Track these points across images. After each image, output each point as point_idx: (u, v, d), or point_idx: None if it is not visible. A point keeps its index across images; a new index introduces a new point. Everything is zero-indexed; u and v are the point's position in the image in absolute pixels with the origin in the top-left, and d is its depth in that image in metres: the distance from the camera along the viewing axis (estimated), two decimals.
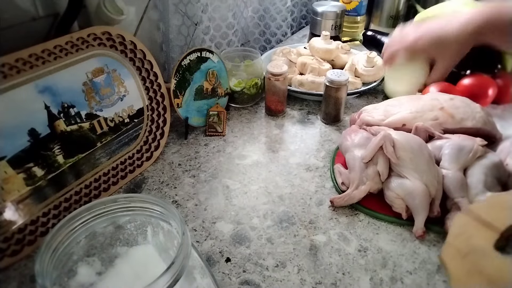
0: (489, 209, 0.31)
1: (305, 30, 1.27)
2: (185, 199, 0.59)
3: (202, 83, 0.74)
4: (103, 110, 0.58)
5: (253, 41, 1.16)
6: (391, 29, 1.08)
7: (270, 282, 0.46)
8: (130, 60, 0.61)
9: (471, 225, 0.29)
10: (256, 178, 0.63)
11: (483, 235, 0.27)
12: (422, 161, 0.53)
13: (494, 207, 0.32)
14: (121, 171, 0.61)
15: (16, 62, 0.47)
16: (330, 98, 0.74)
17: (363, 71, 0.85)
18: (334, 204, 0.56)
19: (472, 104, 0.63)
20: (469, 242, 0.28)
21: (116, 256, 0.40)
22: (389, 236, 0.52)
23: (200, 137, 0.74)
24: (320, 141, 0.72)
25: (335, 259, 0.49)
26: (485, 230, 0.28)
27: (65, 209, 0.54)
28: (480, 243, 0.27)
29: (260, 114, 0.81)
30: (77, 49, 0.53)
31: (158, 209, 0.37)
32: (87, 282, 0.38)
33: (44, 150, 0.51)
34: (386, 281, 0.46)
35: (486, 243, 0.27)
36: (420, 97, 0.67)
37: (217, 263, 0.48)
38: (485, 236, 0.27)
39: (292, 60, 0.86)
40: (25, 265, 0.48)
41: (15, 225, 0.48)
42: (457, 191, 0.51)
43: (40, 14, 0.55)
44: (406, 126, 0.62)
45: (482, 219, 0.29)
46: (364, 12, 1.14)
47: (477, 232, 0.28)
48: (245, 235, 0.52)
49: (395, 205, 0.54)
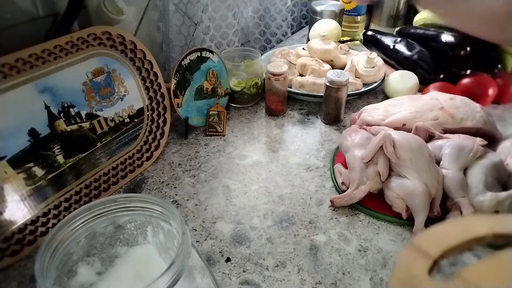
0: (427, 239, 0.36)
1: (305, 30, 1.26)
2: (185, 199, 0.59)
3: (202, 83, 0.74)
4: (103, 110, 0.58)
5: (253, 41, 1.15)
6: (391, 29, 1.09)
7: (270, 282, 0.46)
8: (130, 60, 0.61)
9: (411, 256, 0.33)
10: (256, 178, 0.63)
11: (419, 262, 0.32)
12: (422, 161, 0.53)
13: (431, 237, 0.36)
14: (121, 171, 0.61)
15: (16, 62, 0.47)
16: (330, 98, 0.74)
17: (364, 71, 0.85)
18: (334, 204, 0.56)
19: (472, 104, 0.63)
20: (408, 270, 0.32)
21: (116, 256, 0.40)
22: (389, 236, 0.52)
23: (200, 137, 0.74)
24: (320, 141, 0.72)
25: (335, 259, 0.49)
26: (421, 258, 0.32)
27: (65, 209, 0.54)
28: (417, 271, 0.31)
29: (260, 114, 0.81)
30: (77, 49, 0.53)
31: (158, 209, 0.37)
32: (87, 282, 0.38)
33: (44, 150, 0.51)
34: (386, 281, 0.46)
35: (422, 270, 0.31)
36: (420, 97, 0.67)
37: (217, 263, 0.48)
38: (421, 263, 0.32)
39: (291, 61, 0.86)
40: (25, 265, 0.49)
41: (15, 225, 0.48)
42: (457, 191, 0.51)
43: (40, 14, 0.55)
44: (406, 126, 0.62)
45: (419, 249, 0.33)
46: (364, 12, 1.14)
47: (415, 261, 0.32)
48: (245, 235, 0.52)
49: (395, 205, 0.54)
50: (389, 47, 0.94)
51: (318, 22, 1.01)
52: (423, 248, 0.33)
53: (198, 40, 0.85)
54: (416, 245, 0.35)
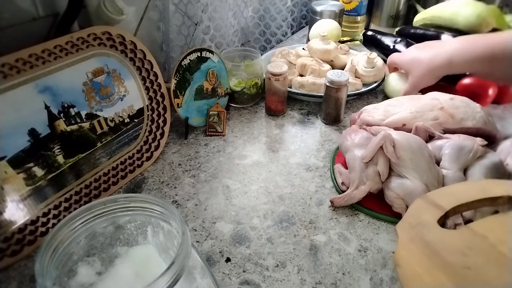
0: (441, 195, 0.37)
1: (305, 30, 1.26)
2: (185, 199, 0.59)
3: (202, 83, 0.74)
4: (103, 110, 0.58)
5: (253, 41, 1.15)
6: (391, 29, 1.09)
7: (270, 282, 0.46)
8: (130, 60, 0.61)
9: (424, 206, 0.35)
10: (256, 178, 0.63)
11: (430, 212, 0.33)
12: (422, 161, 0.53)
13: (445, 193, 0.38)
14: (121, 171, 0.61)
15: (16, 62, 0.47)
16: (330, 99, 0.74)
17: (364, 72, 0.85)
18: (334, 204, 0.56)
19: (472, 104, 0.63)
20: (418, 217, 0.34)
21: (116, 256, 0.40)
22: (389, 236, 0.52)
23: (200, 137, 0.74)
24: (320, 141, 0.72)
25: (335, 259, 0.49)
26: (433, 209, 0.34)
27: (65, 209, 0.54)
28: (426, 218, 0.33)
29: (260, 114, 0.81)
30: (77, 49, 0.53)
31: (158, 209, 0.37)
32: (87, 282, 0.38)
33: (44, 150, 0.51)
34: (386, 281, 0.46)
35: (431, 218, 0.33)
36: (420, 97, 0.67)
37: (217, 263, 0.48)
38: (432, 213, 0.33)
39: (291, 61, 0.86)
40: (25, 265, 0.49)
41: (15, 225, 0.48)
42: None
43: (40, 14, 0.55)
44: (406, 126, 0.62)
45: (433, 201, 0.34)
46: (364, 12, 1.14)
47: (426, 210, 0.34)
48: (245, 235, 0.52)
49: (395, 205, 0.54)
50: (389, 47, 0.94)
51: (318, 22, 1.01)
52: (436, 201, 0.34)
53: (198, 40, 0.85)
54: (429, 198, 0.36)
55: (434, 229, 0.32)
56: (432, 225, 0.32)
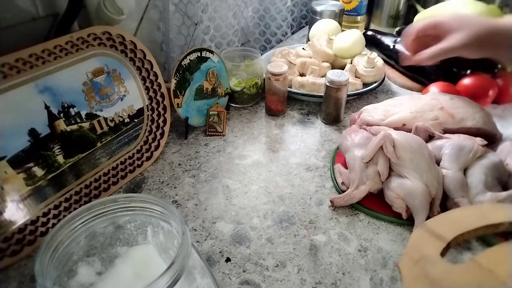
0: (441, 223, 0.36)
1: (305, 30, 1.26)
2: (185, 199, 0.59)
3: (202, 83, 0.74)
4: (103, 110, 0.58)
5: (253, 41, 1.15)
6: (391, 29, 1.09)
7: (270, 282, 0.46)
8: (130, 60, 0.61)
9: (424, 237, 0.33)
10: (256, 178, 0.63)
11: (432, 244, 0.32)
12: (422, 161, 0.53)
13: (445, 221, 0.37)
14: (121, 171, 0.61)
15: (16, 62, 0.47)
16: (330, 99, 0.74)
17: (364, 71, 0.85)
18: (334, 204, 0.56)
19: (472, 104, 0.63)
20: (420, 251, 0.32)
21: (116, 256, 0.40)
22: (389, 236, 0.52)
23: (200, 137, 0.74)
24: (320, 141, 0.72)
25: (335, 259, 0.49)
26: (434, 240, 0.32)
27: (65, 209, 0.54)
28: (429, 251, 0.32)
29: (260, 114, 0.81)
30: (77, 49, 0.53)
31: (158, 209, 0.37)
32: (87, 282, 0.38)
33: (44, 150, 0.51)
34: (386, 281, 0.46)
35: (434, 251, 0.31)
36: (420, 97, 0.67)
37: (217, 263, 0.48)
38: (434, 245, 0.32)
39: (291, 61, 0.86)
40: (25, 265, 0.49)
41: (15, 225, 0.48)
42: (457, 191, 0.51)
43: (40, 14, 0.55)
44: (406, 126, 0.62)
45: (433, 232, 0.33)
46: (364, 12, 1.14)
47: (428, 242, 0.32)
48: (245, 235, 0.52)
49: (395, 205, 0.54)
50: (389, 47, 0.94)
51: (318, 22, 1.01)
52: (436, 230, 0.33)
53: (198, 40, 0.85)
54: (429, 228, 0.35)
55: (438, 264, 0.31)
56: (435, 259, 0.31)
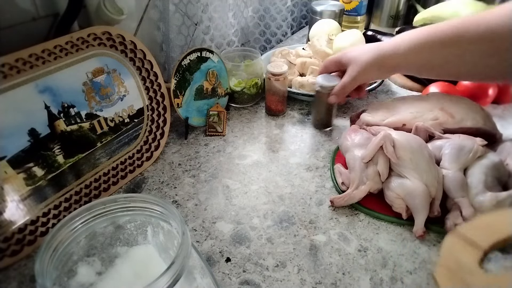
0: (474, 229, 0.35)
1: (305, 30, 1.26)
2: (185, 199, 0.59)
3: (202, 83, 0.74)
4: (103, 110, 0.58)
5: (253, 41, 1.15)
6: (391, 29, 1.09)
7: (270, 282, 0.46)
8: (130, 60, 0.61)
9: (459, 245, 0.32)
10: (256, 178, 0.63)
11: (469, 253, 0.31)
12: (422, 161, 0.53)
13: (478, 227, 0.36)
14: (121, 171, 0.61)
15: (16, 62, 0.47)
16: (321, 104, 0.72)
17: None
18: (334, 204, 0.56)
19: (472, 104, 0.63)
20: (456, 260, 0.31)
21: (116, 256, 0.40)
22: (389, 236, 0.52)
23: (200, 137, 0.74)
24: (320, 141, 0.72)
25: (335, 259, 0.49)
26: (471, 248, 0.31)
27: (65, 209, 0.54)
28: (466, 261, 0.31)
29: (260, 114, 0.81)
30: (77, 49, 0.53)
31: (158, 209, 0.37)
32: (87, 282, 0.38)
33: (44, 150, 0.51)
34: (386, 281, 0.46)
35: (472, 260, 0.30)
36: (420, 97, 0.67)
37: (217, 263, 0.48)
38: (471, 254, 0.31)
39: (291, 61, 0.86)
40: (25, 265, 0.49)
41: (15, 225, 0.48)
42: (457, 191, 0.51)
43: (40, 14, 0.55)
44: (406, 126, 0.62)
45: (468, 239, 0.32)
46: (364, 12, 1.14)
47: (463, 250, 0.31)
48: (245, 235, 0.52)
49: (395, 205, 0.54)
50: None
51: (318, 22, 1.01)
52: (470, 238, 0.32)
53: (198, 40, 0.85)
54: (461, 233, 0.33)
55: (479, 275, 0.30)
56: (475, 270, 0.29)
